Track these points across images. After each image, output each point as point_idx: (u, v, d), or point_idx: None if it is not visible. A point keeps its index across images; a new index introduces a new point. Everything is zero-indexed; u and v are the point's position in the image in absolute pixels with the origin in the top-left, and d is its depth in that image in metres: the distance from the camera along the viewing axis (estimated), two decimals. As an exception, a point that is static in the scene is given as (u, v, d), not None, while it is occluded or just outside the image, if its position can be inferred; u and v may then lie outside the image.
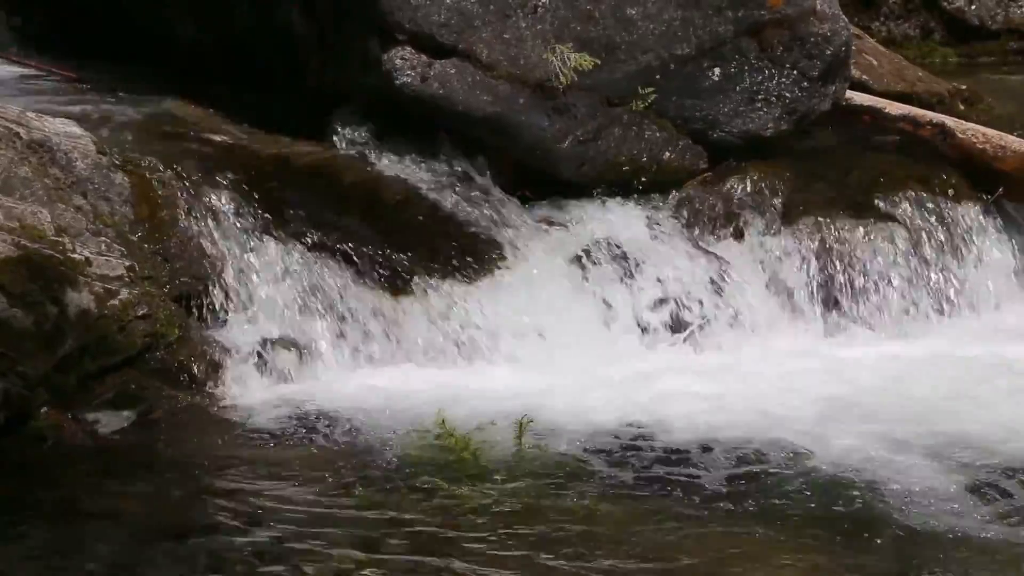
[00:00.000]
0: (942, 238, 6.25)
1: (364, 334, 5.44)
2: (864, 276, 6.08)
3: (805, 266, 6.07)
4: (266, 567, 4.01)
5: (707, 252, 6.04)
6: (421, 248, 5.68)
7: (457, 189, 5.94)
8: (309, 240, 5.54)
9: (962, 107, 7.38)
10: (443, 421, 4.83)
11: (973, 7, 9.38)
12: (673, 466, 4.80)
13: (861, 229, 6.16)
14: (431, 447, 4.81)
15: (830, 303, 6.04)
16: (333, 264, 5.51)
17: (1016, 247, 6.36)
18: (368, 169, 5.94)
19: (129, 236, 5.20)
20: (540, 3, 5.95)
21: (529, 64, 5.94)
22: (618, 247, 5.94)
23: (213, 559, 4.04)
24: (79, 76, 6.74)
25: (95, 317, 4.87)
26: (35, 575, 3.97)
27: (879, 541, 4.30)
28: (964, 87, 7.61)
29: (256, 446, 4.85)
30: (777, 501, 4.55)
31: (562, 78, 5.93)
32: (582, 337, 5.65)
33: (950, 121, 6.65)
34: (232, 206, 5.52)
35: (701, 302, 5.87)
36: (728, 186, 6.23)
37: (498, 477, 4.65)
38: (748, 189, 6.22)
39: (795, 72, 6.30)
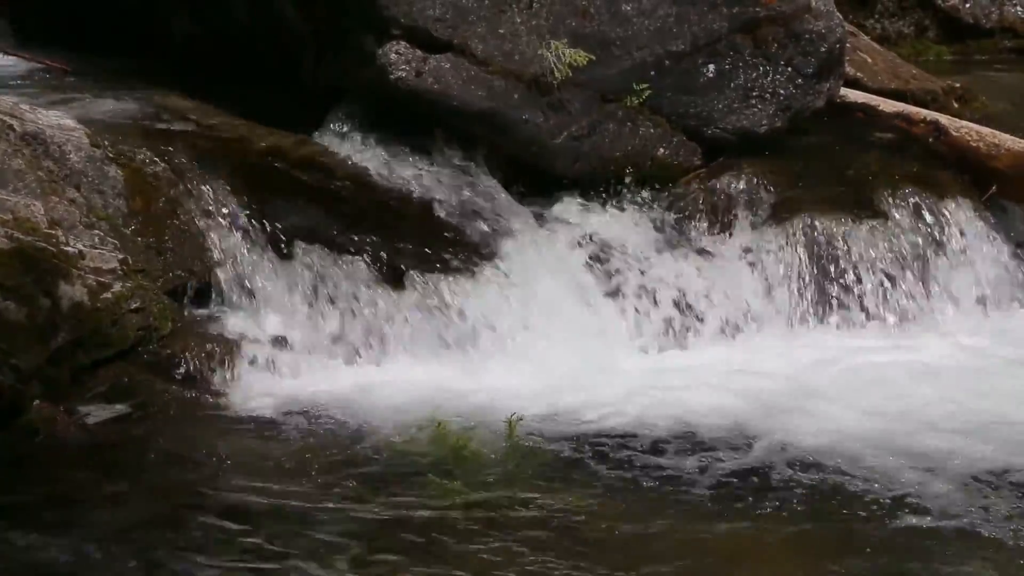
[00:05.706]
0: (935, 236, 6.26)
1: (357, 328, 5.43)
2: (856, 273, 6.08)
3: (797, 263, 6.07)
4: (259, 561, 4.01)
5: (700, 249, 6.05)
6: (416, 243, 5.67)
7: (452, 184, 5.94)
8: (302, 234, 5.54)
9: (956, 105, 7.38)
10: (437, 419, 4.84)
11: (967, 5, 9.38)
12: (665, 464, 4.79)
13: (854, 226, 6.16)
14: (424, 442, 4.81)
15: (822, 300, 6.04)
16: (327, 258, 5.51)
17: (1008, 244, 6.37)
18: (362, 164, 5.94)
19: (122, 229, 5.20)
20: (535, -2, 5.97)
21: (524, 59, 5.94)
22: (611, 243, 5.95)
23: (205, 552, 4.04)
24: (73, 69, 6.73)
25: (88, 310, 4.87)
26: (26, 568, 3.97)
27: (877, 540, 4.31)
28: (958, 85, 7.61)
29: (249, 440, 4.85)
30: (774, 499, 4.55)
31: (557, 73, 5.93)
32: (574, 333, 5.64)
33: (944, 119, 6.66)
34: (226, 200, 5.52)
35: (692, 299, 5.87)
36: (722, 183, 6.23)
37: (490, 473, 4.65)
38: (742, 186, 6.22)
39: (789, 69, 6.31)
